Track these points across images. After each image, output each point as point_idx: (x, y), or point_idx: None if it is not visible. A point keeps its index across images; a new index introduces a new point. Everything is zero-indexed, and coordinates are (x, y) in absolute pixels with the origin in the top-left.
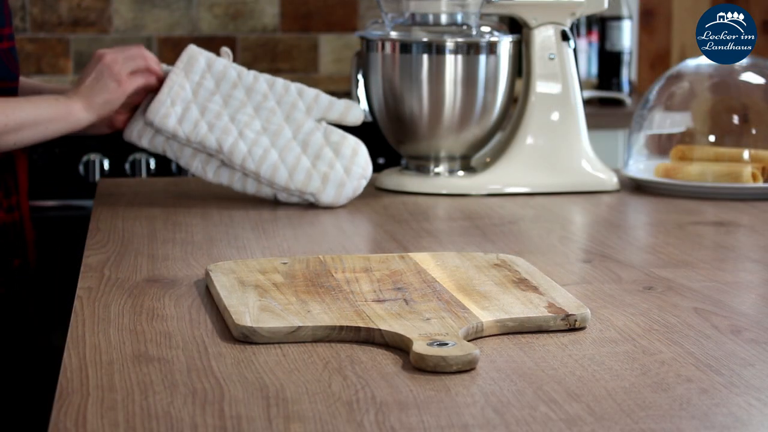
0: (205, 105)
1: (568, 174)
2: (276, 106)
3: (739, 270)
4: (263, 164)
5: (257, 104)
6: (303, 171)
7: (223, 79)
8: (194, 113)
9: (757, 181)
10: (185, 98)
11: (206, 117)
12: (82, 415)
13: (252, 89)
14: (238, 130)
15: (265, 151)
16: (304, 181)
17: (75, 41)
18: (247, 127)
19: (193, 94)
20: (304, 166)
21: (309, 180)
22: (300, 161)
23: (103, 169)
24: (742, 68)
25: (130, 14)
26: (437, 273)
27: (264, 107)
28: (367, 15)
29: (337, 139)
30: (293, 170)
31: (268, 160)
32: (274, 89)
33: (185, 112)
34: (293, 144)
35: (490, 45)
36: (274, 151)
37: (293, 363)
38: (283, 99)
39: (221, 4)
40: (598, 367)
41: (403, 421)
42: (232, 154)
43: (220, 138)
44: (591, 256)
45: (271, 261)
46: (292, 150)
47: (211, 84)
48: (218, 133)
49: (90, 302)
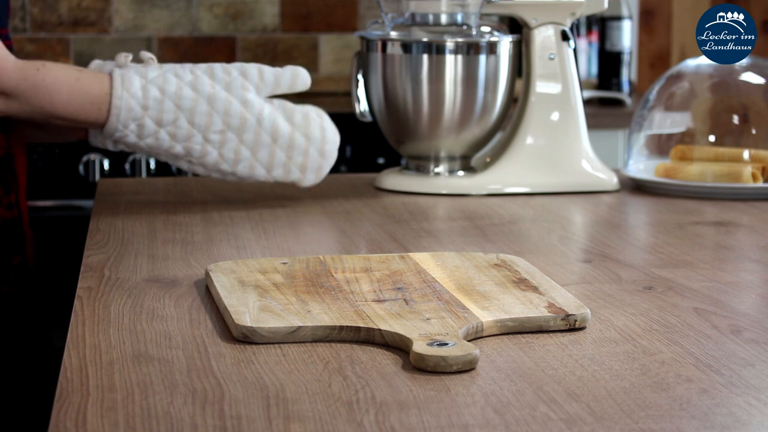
0: (159, 116)
1: (568, 174)
2: (227, 94)
3: (739, 270)
4: (238, 165)
5: (209, 97)
6: (280, 166)
7: (165, 83)
8: (150, 126)
9: (757, 181)
10: (136, 116)
11: (165, 127)
12: (82, 415)
13: (197, 85)
14: (202, 134)
15: (236, 153)
16: (283, 174)
17: (75, 41)
18: (208, 130)
19: (142, 109)
20: (280, 161)
21: (288, 173)
22: (275, 156)
23: (103, 169)
24: (742, 68)
25: (130, 14)
26: (437, 273)
27: (217, 99)
28: (367, 15)
29: (301, 120)
30: (270, 167)
31: (242, 160)
32: (216, 77)
33: (141, 129)
34: (262, 136)
35: (490, 45)
36: (245, 149)
37: (293, 363)
38: (231, 85)
39: (221, 4)
40: (598, 367)
41: (403, 421)
42: (203, 159)
43: (186, 146)
44: (591, 256)
45: (271, 261)
46: (263, 145)
47: (156, 93)
48: (182, 141)
49: (90, 302)
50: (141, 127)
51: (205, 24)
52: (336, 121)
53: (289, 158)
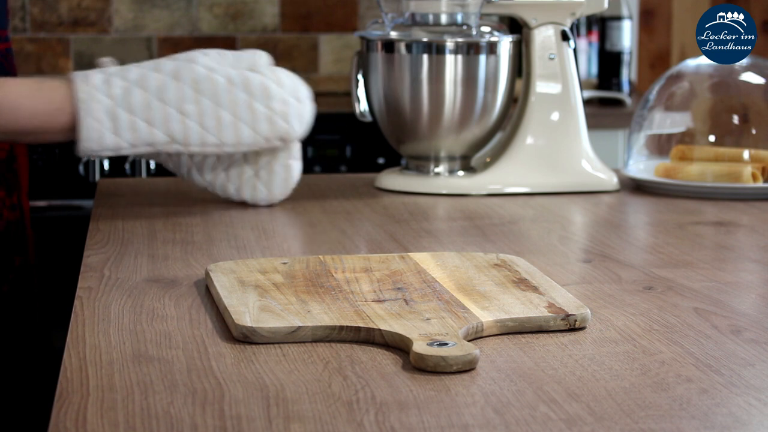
0: (128, 103)
1: (568, 174)
2: (190, 65)
3: (739, 270)
4: (223, 132)
5: (173, 73)
6: (263, 120)
7: (126, 72)
8: (123, 116)
9: (757, 181)
10: (106, 108)
11: (138, 114)
12: (82, 415)
13: (159, 67)
14: (177, 109)
15: (217, 119)
16: (269, 129)
17: (75, 41)
18: (182, 102)
19: (109, 98)
20: (262, 114)
21: (274, 125)
22: (255, 110)
23: (103, 169)
24: (742, 68)
25: (130, 14)
26: (437, 273)
27: (181, 71)
28: (367, 15)
29: (267, 71)
30: (254, 123)
31: (225, 126)
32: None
33: (115, 122)
34: (236, 94)
35: (490, 45)
36: (224, 111)
37: (293, 363)
38: (192, 58)
39: (221, 4)
40: (598, 367)
41: (403, 421)
42: (188, 138)
43: (166, 129)
44: (591, 256)
45: (271, 261)
46: (240, 102)
47: (119, 81)
48: (160, 125)
49: (90, 302)
50: (115, 120)
51: (205, 24)
52: (336, 121)
53: (270, 109)
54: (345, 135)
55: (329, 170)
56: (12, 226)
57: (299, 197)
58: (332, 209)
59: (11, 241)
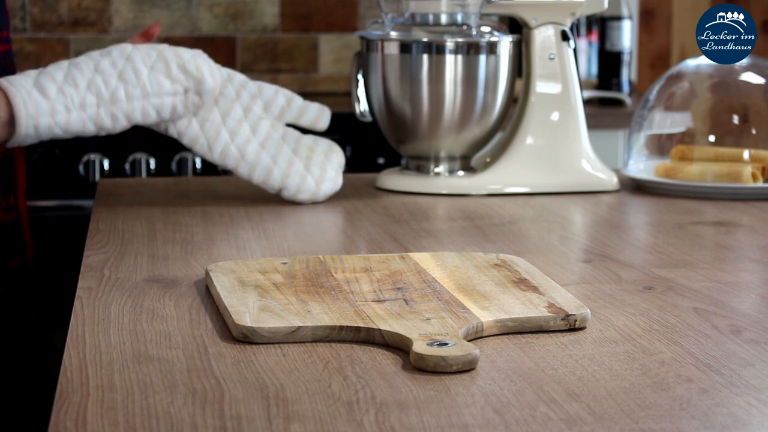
0: (54, 73)
1: (568, 174)
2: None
3: (739, 270)
4: (143, 81)
5: (89, 56)
6: (177, 68)
7: (47, 67)
8: (51, 86)
9: (757, 181)
10: (34, 81)
11: (66, 82)
12: (82, 415)
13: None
14: (101, 73)
15: (135, 72)
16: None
17: (75, 41)
18: (106, 71)
19: (34, 77)
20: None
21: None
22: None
23: (103, 169)
24: (742, 68)
25: (130, 14)
26: (437, 273)
27: (97, 57)
28: (367, 15)
29: None
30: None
31: (143, 75)
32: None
33: (41, 90)
34: (150, 52)
35: (490, 45)
36: (142, 66)
37: (293, 363)
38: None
39: (221, 4)
40: (598, 367)
41: (403, 421)
42: (115, 96)
43: (95, 88)
44: (591, 256)
45: (271, 261)
46: (153, 56)
47: (39, 70)
48: (88, 88)
49: (90, 302)
50: (42, 89)
51: (205, 24)
52: (336, 121)
53: (180, 58)
54: (345, 135)
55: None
56: (8, 227)
57: None
58: (332, 209)
59: (7, 244)
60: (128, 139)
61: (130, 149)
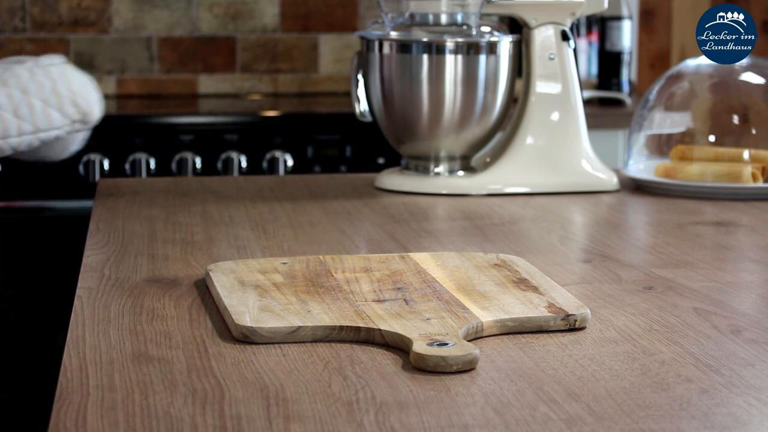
0: None
1: (568, 174)
2: None
3: (739, 270)
4: (36, 117)
5: None
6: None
7: None
8: None
9: (757, 181)
10: None
11: None
12: (82, 415)
13: None
14: None
15: (29, 107)
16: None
17: (75, 41)
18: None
19: None
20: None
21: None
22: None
23: (103, 169)
24: (742, 68)
25: (130, 14)
26: (437, 273)
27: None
28: (367, 15)
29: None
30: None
31: (36, 110)
32: None
33: None
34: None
35: (490, 45)
36: (34, 99)
37: (293, 363)
38: None
39: (221, 4)
40: (598, 367)
41: (403, 421)
42: (6, 129)
43: None
44: (591, 256)
45: (271, 261)
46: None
47: None
48: None
49: (90, 302)
50: None
51: (205, 24)
52: (336, 121)
53: (71, 92)
54: (345, 135)
55: (329, 170)
56: None
57: (299, 197)
58: (332, 209)
59: None
60: (128, 139)
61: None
